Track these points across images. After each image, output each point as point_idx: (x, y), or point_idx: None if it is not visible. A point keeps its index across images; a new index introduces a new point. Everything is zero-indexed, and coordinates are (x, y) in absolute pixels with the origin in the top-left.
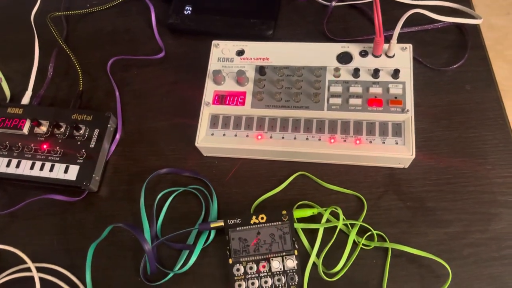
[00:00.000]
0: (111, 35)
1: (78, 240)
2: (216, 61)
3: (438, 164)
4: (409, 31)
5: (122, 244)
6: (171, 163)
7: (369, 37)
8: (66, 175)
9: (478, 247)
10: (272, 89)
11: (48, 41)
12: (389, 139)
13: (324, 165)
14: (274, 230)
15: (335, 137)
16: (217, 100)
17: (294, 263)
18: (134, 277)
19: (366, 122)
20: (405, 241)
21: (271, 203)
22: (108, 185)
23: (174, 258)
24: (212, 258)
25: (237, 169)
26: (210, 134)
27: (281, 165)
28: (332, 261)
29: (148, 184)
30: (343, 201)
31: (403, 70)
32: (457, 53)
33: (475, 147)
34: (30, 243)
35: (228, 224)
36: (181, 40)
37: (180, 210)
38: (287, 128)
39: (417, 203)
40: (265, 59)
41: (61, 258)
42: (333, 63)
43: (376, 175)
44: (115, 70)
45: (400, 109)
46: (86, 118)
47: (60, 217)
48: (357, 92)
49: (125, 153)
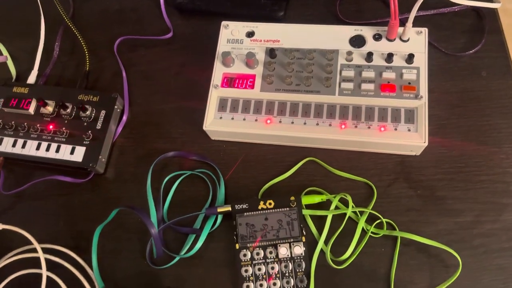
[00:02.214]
0: (118, 14)
1: (84, 222)
2: (225, 43)
3: (450, 152)
4: (425, 14)
5: (128, 227)
6: (178, 146)
7: (383, 20)
8: (72, 156)
9: (489, 238)
10: (283, 73)
11: (54, 19)
12: (402, 126)
13: (334, 151)
14: (282, 216)
15: (346, 122)
16: (226, 82)
17: (301, 249)
18: (140, 259)
19: (378, 108)
20: (414, 230)
21: (279, 188)
22: (115, 167)
23: (180, 242)
24: (219, 243)
25: (245, 154)
26: (219, 117)
27: (290, 150)
28: (340, 248)
29: (155, 167)
30: (352, 188)
31: (418, 55)
32: (474, 38)
33: (489, 136)
34: (36, 224)
35: (236, 209)
36: (189, 20)
37: (187, 193)
38: (297, 112)
39: (428, 191)
40: (276, 41)
41: (67, 240)
42: (346, 46)
43: (386, 162)
44: (122, 50)
45: (413, 95)
46: (93, 99)
47: (66, 199)
48: (370, 77)
49: (132, 135)
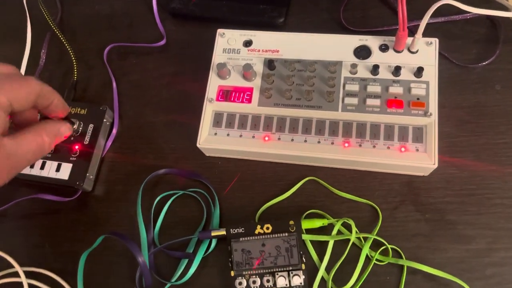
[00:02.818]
0: (108, 19)
1: (71, 243)
2: (221, 53)
3: (461, 172)
4: (435, 21)
5: (117, 250)
6: (171, 162)
7: (390, 27)
8: (58, 173)
9: (503, 267)
10: (282, 86)
11: (42, 24)
12: (409, 145)
13: (336, 170)
14: (280, 242)
15: (349, 141)
16: (222, 96)
17: (300, 279)
18: (130, 285)
19: (385, 125)
20: (422, 257)
21: (277, 209)
22: (104, 184)
23: (172, 266)
24: (213, 268)
25: (241, 173)
26: (213, 133)
27: (290, 169)
28: (343, 275)
29: (146, 185)
30: (356, 211)
31: (427, 67)
32: (488, 48)
33: (504, 155)
34: (19, 246)
35: (231, 233)
36: (184, 26)
37: (180, 214)
38: (297, 129)
39: (437, 215)
40: (275, 51)
41: (52, 263)
42: (350, 57)
43: (392, 182)
44: (112, 58)
45: (422, 112)
46: (80, 112)
47: (52, 218)
48: (376, 92)
49: (121, 150)
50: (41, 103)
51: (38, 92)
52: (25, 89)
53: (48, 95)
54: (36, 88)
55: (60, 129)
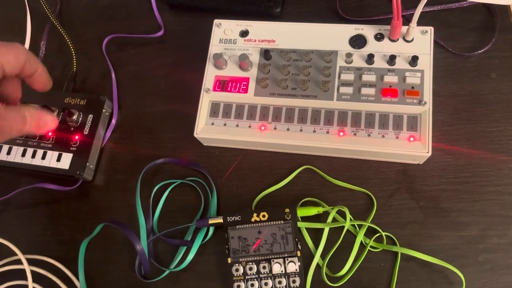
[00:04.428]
0: (107, 10)
1: (72, 232)
2: (217, 43)
3: (456, 160)
4: (432, 10)
5: (116, 238)
6: (169, 152)
7: (387, 16)
8: (58, 163)
9: (495, 253)
10: (278, 76)
11: (41, 16)
12: (404, 134)
13: (332, 158)
14: (276, 229)
15: (344, 130)
16: (218, 86)
17: (296, 265)
18: (130, 272)
19: (379, 114)
20: (416, 244)
21: (274, 198)
22: (103, 174)
23: (171, 253)
24: (211, 255)
25: (238, 161)
26: (210, 123)
27: (286, 158)
28: (338, 262)
29: (145, 174)
30: (351, 199)
31: (422, 56)
32: (484, 36)
33: (499, 143)
34: (22, 234)
35: (228, 221)
36: (181, 17)
37: (178, 203)
38: (292, 119)
39: (431, 203)
40: (271, 41)
41: (53, 250)
42: (345, 47)
43: (388, 171)
44: (111, 49)
45: (417, 100)
46: (80, 102)
47: (53, 207)
48: (371, 81)
49: (121, 140)
50: (28, 68)
51: (25, 56)
52: (14, 52)
53: (33, 62)
54: (23, 51)
55: (43, 116)
